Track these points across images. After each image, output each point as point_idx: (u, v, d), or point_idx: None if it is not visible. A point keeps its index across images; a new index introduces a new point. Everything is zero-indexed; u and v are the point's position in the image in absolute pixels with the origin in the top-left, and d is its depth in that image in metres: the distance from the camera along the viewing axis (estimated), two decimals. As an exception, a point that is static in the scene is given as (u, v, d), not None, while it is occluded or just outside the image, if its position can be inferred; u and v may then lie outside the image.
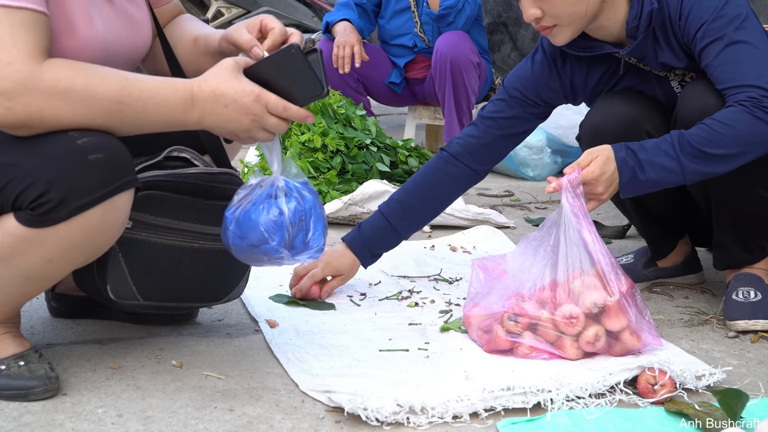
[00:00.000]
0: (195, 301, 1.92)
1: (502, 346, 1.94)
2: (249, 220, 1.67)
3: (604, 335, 1.90)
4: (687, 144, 1.98)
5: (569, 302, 1.91)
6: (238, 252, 1.71)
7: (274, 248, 1.68)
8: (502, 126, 2.38)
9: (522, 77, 2.38)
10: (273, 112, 1.64)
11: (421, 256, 2.77)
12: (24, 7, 1.53)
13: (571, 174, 1.96)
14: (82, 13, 1.67)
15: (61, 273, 1.67)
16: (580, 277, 1.92)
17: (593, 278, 1.91)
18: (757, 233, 2.25)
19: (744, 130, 1.97)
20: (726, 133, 1.98)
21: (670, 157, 1.99)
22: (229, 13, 6.66)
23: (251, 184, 1.71)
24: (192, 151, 1.82)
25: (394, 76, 4.42)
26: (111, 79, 1.57)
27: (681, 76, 2.23)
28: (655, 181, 2.01)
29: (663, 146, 2.00)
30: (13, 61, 1.51)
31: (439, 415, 1.66)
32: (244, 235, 1.68)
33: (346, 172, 3.35)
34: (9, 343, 1.74)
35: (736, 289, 2.23)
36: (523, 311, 1.93)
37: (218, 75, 1.64)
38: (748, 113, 1.97)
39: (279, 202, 1.68)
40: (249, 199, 1.69)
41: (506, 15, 5.41)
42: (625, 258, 2.55)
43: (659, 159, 1.99)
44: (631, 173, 1.99)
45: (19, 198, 1.56)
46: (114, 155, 1.58)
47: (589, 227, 1.93)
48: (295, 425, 1.64)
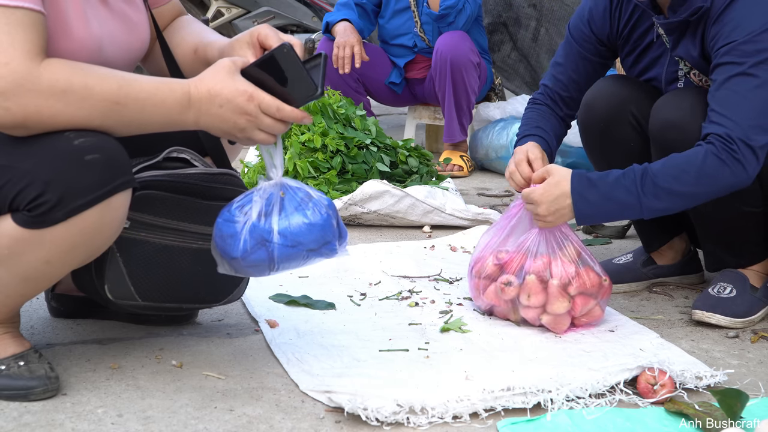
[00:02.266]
0: (195, 302, 1.91)
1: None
2: (304, 225, 1.66)
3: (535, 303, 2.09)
4: (650, 182, 2.01)
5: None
6: (284, 261, 1.68)
7: (333, 246, 1.70)
8: (570, 69, 2.41)
9: (581, 15, 2.41)
10: (266, 112, 1.63)
11: (421, 256, 2.77)
12: (21, 7, 1.53)
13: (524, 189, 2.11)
14: (78, 14, 1.67)
15: (59, 274, 1.67)
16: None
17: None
18: (742, 241, 2.26)
19: (708, 172, 1.99)
20: (690, 173, 2.00)
21: (630, 192, 2.01)
22: (229, 13, 6.66)
23: (259, 195, 1.68)
24: (191, 152, 1.82)
25: (394, 76, 4.42)
26: (109, 80, 1.57)
27: (689, 69, 2.23)
28: (611, 215, 2.07)
29: (624, 182, 2.02)
30: (10, 60, 1.50)
31: (439, 415, 1.66)
32: (297, 242, 1.66)
33: (346, 172, 3.35)
34: (9, 343, 1.74)
35: (717, 283, 2.26)
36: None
37: (214, 75, 1.64)
38: (715, 156, 1.99)
39: (318, 202, 1.69)
40: (276, 209, 1.67)
41: (506, 15, 5.41)
42: (624, 257, 2.55)
43: (619, 194, 2.02)
44: (585, 205, 2.03)
45: (16, 199, 1.56)
46: (111, 156, 1.58)
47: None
48: (295, 425, 1.64)
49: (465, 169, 4.21)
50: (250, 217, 1.67)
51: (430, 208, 3.15)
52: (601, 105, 2.35)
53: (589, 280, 2.10)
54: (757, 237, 2.25)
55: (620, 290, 2.48)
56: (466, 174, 4.22)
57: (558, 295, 2.07)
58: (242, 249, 1.66)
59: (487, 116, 4.46)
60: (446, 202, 3.20)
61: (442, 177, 3.61)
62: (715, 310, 2.19)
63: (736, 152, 1.99)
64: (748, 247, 2.26)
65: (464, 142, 4.34)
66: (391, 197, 3.10)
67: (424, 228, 3.15)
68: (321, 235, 1.67)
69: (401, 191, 3.12)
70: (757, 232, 2.24)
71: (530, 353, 1.98)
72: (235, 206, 1.69)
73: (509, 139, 4.12)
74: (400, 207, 3.12)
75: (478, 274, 2.21)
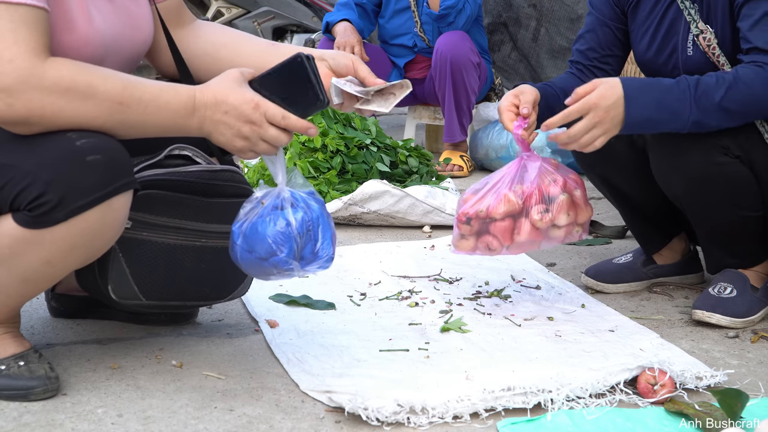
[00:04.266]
0: (198, 300, 1.91)
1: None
2: (256, 232, 1.65)
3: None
4: (703, 93, 2.01)
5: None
6: (247, 266, 1.69)
7: (283, 260, 1.65)
8: (591, 39, 2.42)
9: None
10: (272, 121, 1.63)
11: (421, 256, 2.77)
12: (25, 3, 1.53)
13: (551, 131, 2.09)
14: (81, 9, 1.67)
15: (60, 274, 1.67)
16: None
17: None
18: (743, 244, 2.25)
19: (759, 92, 2.02)
20: (742, 90, 2.01)
21: (682, 101, 2.01)
22: (229, 13, 6.66)
23: (256, 197, 1.70)
24: (193, 149, 1.81)
25: (394, 76, 4.42)
26: (113, 80, 1.57)
27: (699, 32, 2.21)
28: (660, 123, 2.04)
29: (678, 89, 2.02)
30: (14, 57, 1.50)
31: (440, 415, 1.66)
32: (251, 248, 1.66)
33: (346, 172, 3.35)
34: (9, 343, 1.74)
35: (717, 283, 2.26)
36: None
37: (221, 83, 1.64)
38: (765, 75, 2.01)
39: (286, 213, 1.66)
40: (255, 212, 1.67)
41: (506, 15, 5.41)
42: (624, 257, 2.55)
43: (671, 100, 2.01)
44: (638, 109, 2.00)
45: (17, 199, 1.55)
46: (112, 156, 1.58)
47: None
48: (295, 425, 1.64)
49: (465, 169, 4.21)
50: (238, 217, 1.69)
51: (430, 208, 3.15)
52: None
53: (576, 179, 2.23)
54: (758, 240, 2.24)
55: (620, 290, 2.48)
56: (466, 174, 4.22)
57: (584, 203, 2.22)
58: (230, 248, 1.70)
59: (487, 116, 4.47)
60: (446, 202, 3.20)
61: (442, 177, 3.61)
62: (716, 310, 2.18)
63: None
64: (749, 250, 2.26)
65: (464, 142, 4.34)
66: (391, 197, 3.10)
67: (424, 228, 3.15)
68: (267, 246, 1.64)
69: (401, 191, 3.12)
70: (757, 235, 2.23)
71: (530, 353, 1.98)
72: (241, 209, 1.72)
73: (509, 139, 4.13)
74: (400, 207, 3.12)
75: (487, 217, 2.19)
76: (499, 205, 2.17)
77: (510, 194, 2.17)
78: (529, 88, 2.21)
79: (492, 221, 2.18)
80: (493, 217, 2.18)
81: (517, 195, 2.18)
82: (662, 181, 2.25)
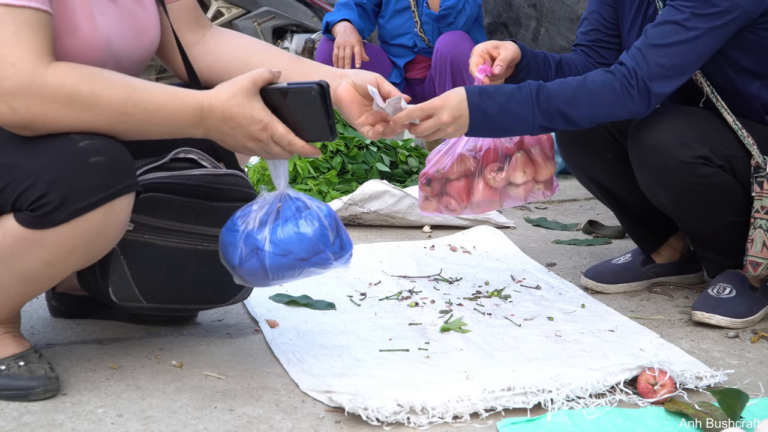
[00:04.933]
0: (200, 303, 1.91)
1: None
2: (295, 234, 1.66)
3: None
4: (545, 99, 2.00)
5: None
6: (277, 270, 1.68)
7: (325, 257, 1.68)
8: (594, 20, 2.42)
9: None
10: (278, 143, 1.64)
11: (421, 256, 2.77)
12: (29, 6, 1.52)
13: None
14: (85, 12, 1.67)
15: (60, 275, 1.67)
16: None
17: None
18: (737, 246, 2.24)
19: (603, 101, 2.02)
20: (585, 98, 2.01)
21: (525, 106, 2.00)
22: (229, 13, 6.66)
23: (258, 204, 1.69)
24: (199, 152, 1.81)
25: (394, 76, 4.42)
26: (117, 89, 1.56)
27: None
28: (505, 128, 2.03)
29: (520, 95, 2.00)
30: (17, 61, 1.50)
31: (440, 415, 1.66)
32: (287, 251, 1.66)
33: (346, 172, 3.35)
34: (9, 343, 1.74)
35: (716, 284, 2.26)
36: None
37: (231, 95, 1.62)
38: (611, 86, 2.02)
39: (315, 212, 1.68)
40: (272, 218, 1.67)
41: (506, 15, 5.41)
42: (623, 257, 2.55)
43: (514, 106, 1.99)
44: (482, 116, 1.98)
45: (19, 199, 1.55)
46: (115, 158, 1.58)
47: None
48: (295, 425, 1.64)
49: (465, 169, 4.20)
50: (247, 226, 1.68)
51: (430, 208, 3.15)
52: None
53: (541, 139, 2.20)
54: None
55: (620, 290, 2.48)
56: (466, 174, 4.22)
57: (543, 159, 2.16)
58: (238, 257, 1.68)
59: (487, 116, 4.46)
60: (446, 202, 3.20)
61: (442, 177, 3.61)
62: (715, 310, 2.18)
63: (633, 88, 2.03)
64: (743, 251, 2.25)
65: (464, 142, 4.34)
66: (391, 197, 3.10)
67: (424, 228, 3.15)
68: (311, 245, 1.67)
69: (401, 191, 3.12)
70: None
71: (530, 353, 1.98)
72: (237, 215, 1.70)
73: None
74: (400, 207, 3.12)
75: (444, 177, 2.19)
76: (453, 165, 2.18)
77: (465, 153, 2.18)
78: (512, 46, 2.18)
79: (448, 181, 2.19)
80: (448, 177, 2.18)
81: (471, 154, 2.18)
82: (649, 194, 2.26)
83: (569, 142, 2.41)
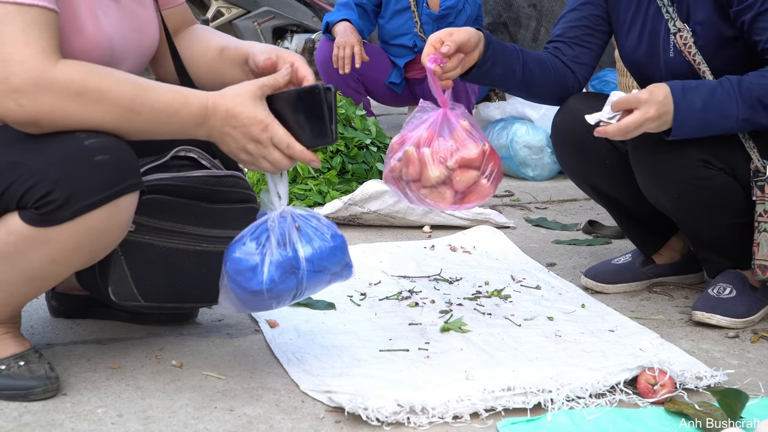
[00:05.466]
0: (197, 302, 1.93)
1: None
2: (329, 250, 1.68)
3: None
4: (746, 91, 1.99)
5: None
6: (312, 287, 1.69)
7: (351, 267, 1.75)
8: (572, 17, 2.40)
9: None
10: (277, 146, 1.64)
11: (421, 256, 2.77)
12: (36, 5, 1.53)
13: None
14: (89, 12, 1.67)
15: (64, 274, 1.67)
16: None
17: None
18: (736, 248, 2.24)
19: None
20: None
21: (729, 101, 1.98)
22: (229, 13, 6.66)
23: (268, 225, 1.67)
24: (199, 151, 1.82)
25: (394, 76, 4.42)
26: (125, 86, 1.57)
27: (677, 31, 2.19)
28: (707, 124, 2.01)
29: (722, 88, 1.99)
30: (26, 59, 1.51)
31: (440, 415, 1.66)
32: (323, 268, 1.68)
33: (346, 172, 3.35)
34: (9, 343, 1.74)
35: (716, 284, 2.26)
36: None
37: (236, 96, 1.63)
38: None
39: (330, 227, 1.70)
40: (296, 237, 1.66)
41: (506, 15, 5.42)
42: (623, 258, 2.55)
43: (717, 102, 1.98)
44: (687, 112, 1.97)
45: (24, 196, 1.56)
46: (120, 157, 1.59)
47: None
48: (295, 425, 1.64)
49: (465, 169, 4.20)
50: (270, 249, 1.65)
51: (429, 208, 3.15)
52: (573, 126, 2.31)
53: (467, 150, 1.96)
54: (751, 243, 2.24)
55: (620, 290, 2.48)
56: (466, 174, 4.21)
57: (429, 161, 1.94)
58: (268, 280, 1.64)
59: (487, 116, 4.46)
60: (446, 202, 3.20)
61: (442, 177, 3.61)
62: (715, 311, 2.18)
63: None
64: (745, 252, 2.25)
65: (464, 142, 4.33)
66: (391, 197, 3.10)
67: (424, 228, 3.15)
68: (342, 257, 1.71)
69: (401, 191, 3.12)
70: (750, 238, 2.23)
71: (530, 353, 1.98)
72: (248, 239, 1.66)
73: (509, 139, 4.12)
74: (400, 207, 3.12)
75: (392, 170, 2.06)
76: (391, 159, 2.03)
77: (409, 149, 1.99)
78: (468, 31, 2.08)
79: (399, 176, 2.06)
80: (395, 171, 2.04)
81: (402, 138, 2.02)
82: (650, 197, 2.26)
83: (567, 150, 2.40)
